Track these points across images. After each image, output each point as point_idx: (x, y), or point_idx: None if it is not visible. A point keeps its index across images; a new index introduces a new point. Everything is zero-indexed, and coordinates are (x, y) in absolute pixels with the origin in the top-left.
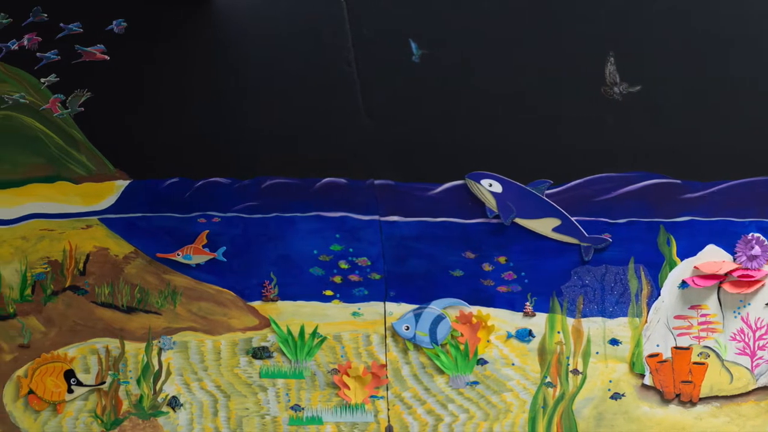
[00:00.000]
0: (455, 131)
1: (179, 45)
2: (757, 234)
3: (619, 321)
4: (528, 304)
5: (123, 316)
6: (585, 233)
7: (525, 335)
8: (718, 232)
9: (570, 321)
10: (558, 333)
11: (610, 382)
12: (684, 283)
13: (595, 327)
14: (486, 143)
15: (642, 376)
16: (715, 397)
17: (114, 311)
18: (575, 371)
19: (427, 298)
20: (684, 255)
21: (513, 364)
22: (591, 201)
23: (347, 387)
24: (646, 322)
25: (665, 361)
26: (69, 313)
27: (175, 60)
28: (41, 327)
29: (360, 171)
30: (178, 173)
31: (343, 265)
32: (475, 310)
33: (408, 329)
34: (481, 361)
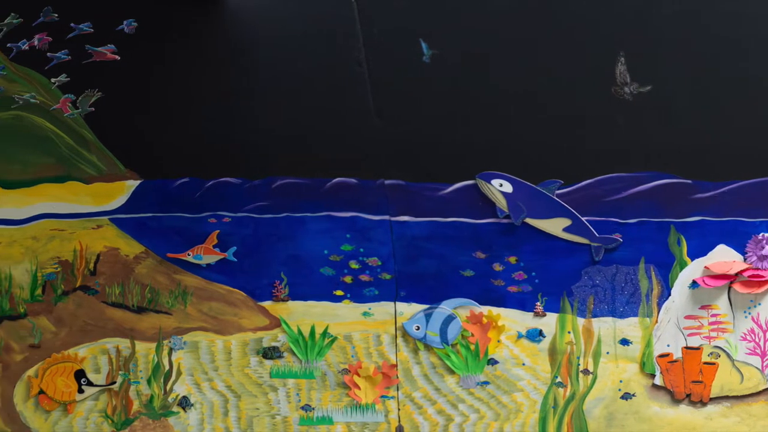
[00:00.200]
0: (466, 131)
1: (190, 45)
2: None
3: (630, 321)
4: (538, 304)
5: (133, 316)
6: (595, 233)
7: (535, 335)
8: (728, 232)
9: (580, 321)
10: (568, 333)
11: (620, 382)
12: (694, 283)
13: (606, 327)
14: (496, 143)
15: (652, 376)
16: (726, 397)
17: (124, 311)
18: (586, 371)
19: (438, 298)
20: (694, 255)
21: (523, 364)
22: (601, 201)
23: (358, 387)
24: (656, 322)
25: (676, 361)
26: (79, 313)
27: (186, 60)
28: (52, 327)
29: (370, 171)
30: (188, 173)
31: (354, 265)
32: (486, 310)
33: (418, 329)
34: (492, 361)
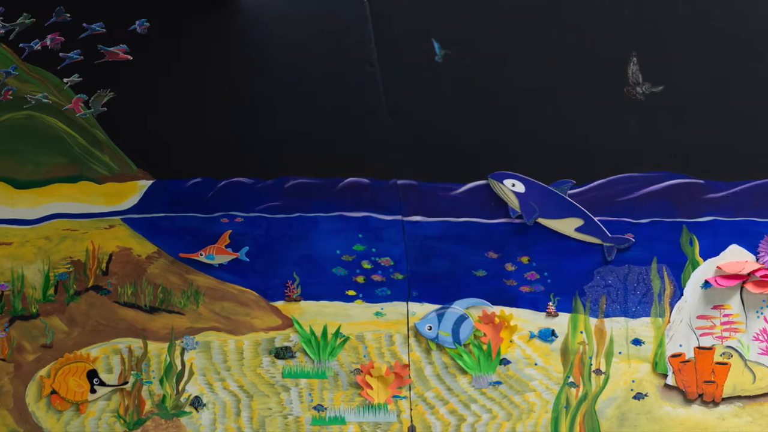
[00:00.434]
0: (478, 131)
1: (202, 45)
2: None
3: (642, 321)
4: (551, 304)
5: (146, 316)
6: (608, 233)
7: (548, 335)
8: (740, 232)
9: (593, 321)
10: (581, 333)
11: (632, 382)
12: (707, 283)
13: (618, 327)
14: (509, 143)
15: (665, 376)
16: (738, 397)
17: (137, 311)
18: (598, 371)
19: (450, 298)
20: (707, 255)
21: (536, 364)
22: (614, 201)
23: (370, 387)
24: (668, 322)
25: (688, 361)
26: (92, 313)
27: (199, 60)
28: (64, 327)
29: (383, 171)
30: (200, 173)
31: (366, 265)
32: (498, 310)
33: (431, 329)
34: (504, 361)
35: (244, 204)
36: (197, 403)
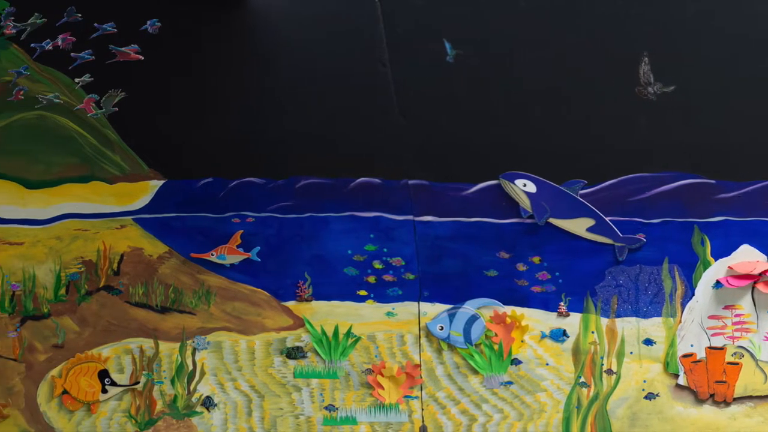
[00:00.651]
0: (489, 131)
1: (213, 45)
2: None
3: (653, 321)
4: (562, 304)
5: (157, 316)
6: (619, 233)
7: (559, 335)
8: (752, 232)
9: (604, 321)
10: (592, 333)
11: (644, 382)
12: (718, 283)
13: (629, 327)
14: (520, 143)
15: (676, 376)
16: (749, 397)
17: (148, 311)
18: (609, 371)
19: (462, 298)
20: (718, 255)
21: (547, 364)
22: (625, 201)
23: (381, 387)
24: (680, 322)
25: (699, 361)
26: (103, 313)
27: (210, 60)
28: (75, 327)
29: (394, 171)
30: (212, 173)
31: (377, 265)
32: (509, 310)
33: (442, 329)
34: (516, 361)
35: (255, 204)
36: (208, 403)
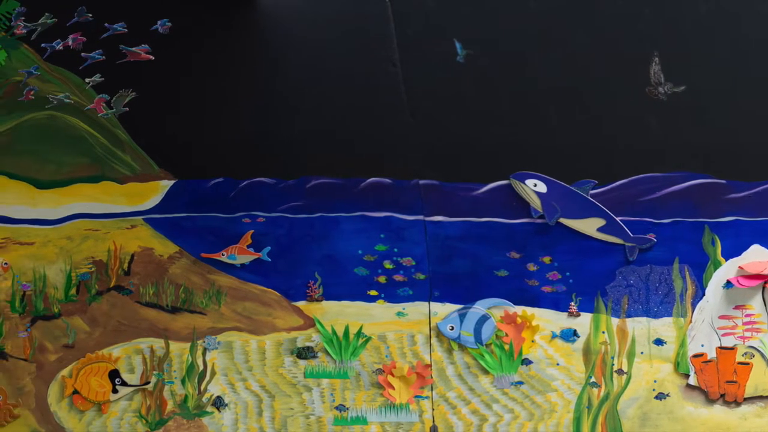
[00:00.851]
0: (500, 131)
1: (224, 45)
2: None
3: (664, 321)
4: (573, 304)
5: (167, 316)
6: (630, 233)
7: (570, 335)
8: (762, 232)
9: (615, 321)
10: (603, 333)
11: (654, 382)
12: (729, 283)
13: (640, 327)
14: (531, 143)
15: (687, 376)
16: (760, 397)
17: (159, 311)
18: (620, 371)
19: (472, 298)
20: (729, 255)
21: (558, 364)
22: (636, 201)
23: (392, 387)
24: (690, 322)
25: (710, 361)
26: (113, 313)
27: (220, 60)
28: (86, 327)
29: (404, 171)
30: (222, 173)
31: (388, 265)
32: (520, 310)
33: (453, 329)
34: (526, 361)
35: (265, 204)
36: (219, 403)
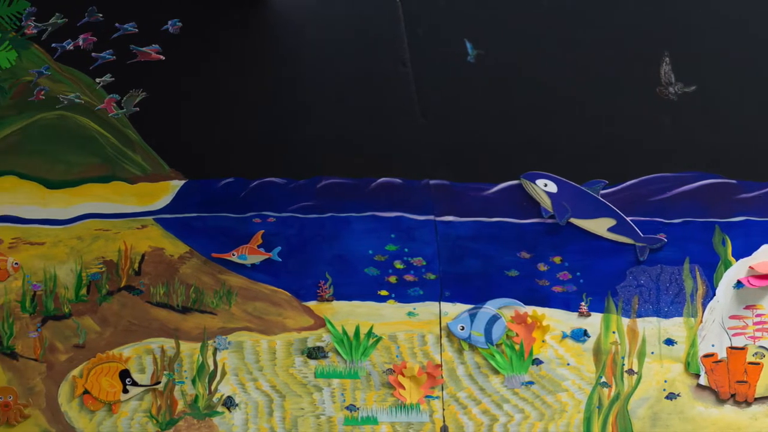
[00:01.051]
0: (510, 131)
1: (234, 45)
2: None
3: (675, 321)
4: (583, 304)
5: (178, 316)
6: (640, 233)
7: (580, 335)
8: None
9: (625, 321)
10: (613, 333)
11: (665, 382)
12: (739, 283)
13: (651, 327)
14: (541, 143)
15: (697, 376)
16: None
17: (169, 311)
18: (630, 371)
19: (483, 298)
20: (739, 255)
21: (568, 364)
22: (646, 201)
23: (402, 387)
24: (701, 322)
25: (720, 361)
26: (124, 313)
27: (231, 60)
28: (96, 327)
29: (415, 171)
30: (233, 173)
31: (399, 265)
32: (531, 310)
33: (463, 329)
34: (537, 361)
35: (276, 204)
36: (230, 403)
